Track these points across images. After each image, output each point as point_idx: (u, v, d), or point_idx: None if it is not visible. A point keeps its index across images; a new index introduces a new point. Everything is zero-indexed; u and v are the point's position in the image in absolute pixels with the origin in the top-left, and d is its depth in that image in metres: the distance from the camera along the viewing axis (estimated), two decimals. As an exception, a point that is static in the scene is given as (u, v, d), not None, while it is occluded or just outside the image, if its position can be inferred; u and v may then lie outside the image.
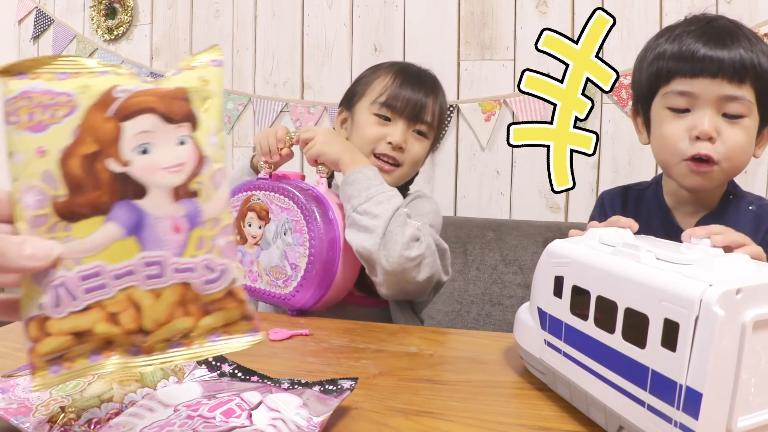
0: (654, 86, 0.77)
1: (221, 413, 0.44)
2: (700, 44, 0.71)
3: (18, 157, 0.32)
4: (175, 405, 0.46)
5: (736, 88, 0.70)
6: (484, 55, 1.59)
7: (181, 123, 0.35)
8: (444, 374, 0.62)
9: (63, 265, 0.32)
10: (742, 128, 0.72)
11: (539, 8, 1.53)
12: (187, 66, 0.37)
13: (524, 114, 1.54)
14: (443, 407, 0.54)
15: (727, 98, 0.71)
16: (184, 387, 0.50)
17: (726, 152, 0.72)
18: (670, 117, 0.75)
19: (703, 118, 0.71)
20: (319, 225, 0.81)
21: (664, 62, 0.75)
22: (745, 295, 0.38)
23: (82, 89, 0.33)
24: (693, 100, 0.73)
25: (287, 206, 0.84)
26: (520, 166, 1.58)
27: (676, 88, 0.73)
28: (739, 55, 0.70)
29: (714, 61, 0.70)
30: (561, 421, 0.52)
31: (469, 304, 1.38)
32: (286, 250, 0.83)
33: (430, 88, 0.99)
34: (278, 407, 0.47)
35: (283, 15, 1.76)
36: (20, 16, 2.05)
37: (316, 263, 0.81)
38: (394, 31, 1.66)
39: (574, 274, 0.52)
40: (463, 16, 1.60)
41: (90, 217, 0.33)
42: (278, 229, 0.84)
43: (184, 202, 0.34)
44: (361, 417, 0.52)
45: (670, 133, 0.75)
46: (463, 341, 0.73)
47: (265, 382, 0.54)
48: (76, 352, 0.33)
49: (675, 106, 0.74)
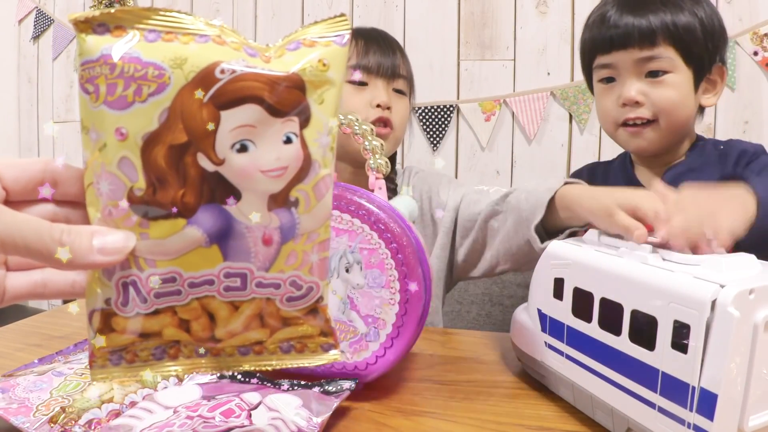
0: (586, 62, 0.83)
1: (221, 413, 0.44)
2: (614, 12, 0.77)
3: (93, 134, 0.28)
4: (175, 406, 0.46)
5: (649, 50, 0.75)
6: (484, 55, 1.59)
7: (290, 116, 0.29)
8: (444, 374, 0.62)
9: (136, 263, 0.28)
10: (668, 84, 0.76)
11: (539, 8, 1.53)
12: (306, 40, 0.31)
13: (524, 114, 1.54)
14: (443, 407, 0.54)
15: (644, 60, 0.76)
16: (184, 389, 0.50)
17: (657, 110, 0.77)
18: (602, 89, 0.81)
19: (626, 86, 0.77)
20: (411, 253, 0.55)
21: (587, 33, 0.81)
22: (758, 295, 0.39)
23: (176, 63, 0.27)
24: (615, 70, 0.79)
25: (349, 227, 0.56)
26: (520, 167, 1.58)
27: (600, 62, 0.80)
28: (647, 21, 0.74)
29: (621, 32, 0.75)
30: (561, 421, 0.52)
31: (469, 304, 1.38)
32: (354, 297, 0.56)
33: (395, 45, 0.95)
34: (278, 407, 0.47)
35: (283, 15, 1.76)
36: (20, 16, 2.05)
37: (412, 313, 0.54)
38: (394, 31, 1.66)
39: (575, 275, 0.52)
40: (463, 16, 1.60)
41: (170, 218, 0.28)
42: (333, 263, 0.57)
43: (280, 211, 0.30)
44: (361, 417, 0.52)
45: (603, 104, 0.82)
46: (463, 341, 0.73)
47: (265, 383, 0.53)
48: (140, 347, 0.30)
49: (602, 77, 0.80)
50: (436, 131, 1.62)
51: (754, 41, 1.38)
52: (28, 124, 2.11)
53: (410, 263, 0.54)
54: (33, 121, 2.09)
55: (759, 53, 1.38)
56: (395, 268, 0.54)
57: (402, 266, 0.54)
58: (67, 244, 0.27)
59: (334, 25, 0.31)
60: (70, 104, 2.03)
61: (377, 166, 0.61)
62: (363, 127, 0.61)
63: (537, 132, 1.54)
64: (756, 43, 1.38)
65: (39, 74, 2.06)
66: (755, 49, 1.38)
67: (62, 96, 2.04)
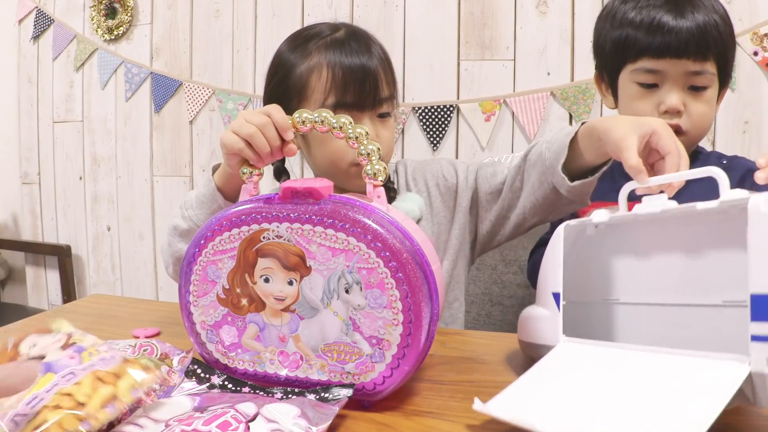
0: (620, 60, 0.80)
1: (217, 426, 0.43)
2: (666, 16, 0.74)
3: None
4: (166, 420, 0.46)
5: (700, 64, 0.75)
6: (484, 55, 1.59)
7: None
8: (444, 374, 0.62)
9: None
10: (705, 99, 0.77)
11: (539, 8, 1.53)
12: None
13: (524, 114, 1.54)
14: (443, 407, 0.54)
15: (693, 73, 0.75)
16: (174, 401, 0.49)
17: (692, 123, 0.77)
18: (639, 93, 0.79)
19: (671, 95, 0.76)
20: (413, 270, 0.52)
21: (632, 32, 0.77)
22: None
23: None
24: (660, 76, 0.77)
25: (345, 246, 0.53)
26: (520, 166, 1.58)
27: (644, 66, 0.77)
28: (702, 27, 0.73)
29: (679, 38, 0.73)
30: (561, 421, 0.52)
31: (469, 304, 1.38)
32: (355, 318, 0.54)
33: (373, 56, 0.81)
34: (276, 418, 0.46)
35: (283, 15, 1.76)
36: (20, 16, 2.05)
37: (416, 333, 0.52)
38: (394, 31, 1.66)
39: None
40: (463, 16, 1.60)
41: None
42: (331, 284, 0.54)
43: None
44: (361, 417, 0.52)
45: (640, 108, 0.79)
46: (463, 341, 0.73)
47: (257, 392, 0.53)
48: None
49: (643, 81, 0.78)
50: (436, 131, 1.62)
51: (754, 41, 1.38)
52: (28, 124, 2.11)
53: (412, 281, 0.51)
54: (33, 121, 2.09)
55: (759, 53, 1.38)
56: (396, 288, 0.52)
57: (403, 285, 0.51)
58: None
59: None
60: (70, 104, 2.03)
61: (375, 172, 0.57)
62: (357, 131, 0.57)
63: (537, 132, 1.54)
64: (756, 43, 1.38)
65: (39, 74, 2.06)
66: (755, 49, 1.38)
67: (62, 96, 2.04)
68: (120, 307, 0.90)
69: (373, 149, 0.56)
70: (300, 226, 0.54)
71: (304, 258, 0.54)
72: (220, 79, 1.83)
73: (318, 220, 0.53)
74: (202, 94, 1.84)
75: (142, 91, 1.93)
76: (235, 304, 0.57)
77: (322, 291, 0.54)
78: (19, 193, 2.15)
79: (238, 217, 0.56)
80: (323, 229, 0.53)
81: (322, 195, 0.55)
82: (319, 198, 0.55)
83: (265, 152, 0.61)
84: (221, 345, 0.58)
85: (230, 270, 0.56)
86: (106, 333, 0.65)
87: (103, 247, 2.05)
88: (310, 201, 0.55)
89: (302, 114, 0.58)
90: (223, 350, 0.58)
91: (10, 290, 2.26)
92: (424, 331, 0.52)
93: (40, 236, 2.13)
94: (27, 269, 2.16)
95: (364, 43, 0.82)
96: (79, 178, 2.06)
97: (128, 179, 1.99)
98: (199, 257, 0.57)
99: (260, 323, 0.57)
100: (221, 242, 0.56)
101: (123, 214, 2.01)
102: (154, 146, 1.95)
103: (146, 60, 1.92)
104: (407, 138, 1.67)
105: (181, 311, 0.59)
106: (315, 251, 0.54)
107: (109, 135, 2.00)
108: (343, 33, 0.83)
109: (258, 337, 0.57)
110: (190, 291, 0.58)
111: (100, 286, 2.07)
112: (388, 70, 0.83)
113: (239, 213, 0.56)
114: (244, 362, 0.57)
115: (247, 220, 0.55)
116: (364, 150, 0.57)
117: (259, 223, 0.55)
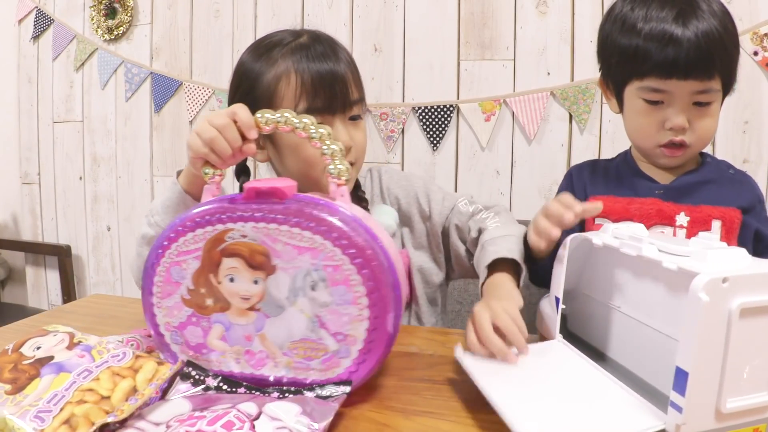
0: (627, 74, 0.80)
1: (222, 426, 0.44)
2: (675, 27, 0.74)
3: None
4: (166, 421, 0.46)
5: (706, 84, 0.75)
6: (484, 55, 1.59)
7: None
8: (444, 374, 0.62)
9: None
10: (709, 114, 0.78)
11: (539, 8, 1.53)
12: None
13: (524, 114, 1.54)
14: (443, 407, 0.54)
15: (698, 92, 0.76)
16: (172, 403, 0.49)
17: (697, 137, 0.79)
18: (645, 109, 0.79)
19: (677, 114, 0.77)
20: (377, 266, 0.53)
21: (641, 44, 0.76)
22: (732, 284, 0.41)
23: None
24: (667, 95, 0.77)
25: (311, 244, 0.54)
26: (520, 166, 1.58)
27: (651, 86, 0.77)
28: (708, 49, 0.73)
29: (687, 55, 0.73)
30: (561, 421, 0.52)
31: (469, 304, 1.38)
32: (321, 315, 0.54)
33: (340, 59, 0.81)
34: (279, 416, 0.46)
35: (283, 15, 1.76)
36: (20, 16, 2.05)
37: (382, 327, 0.54)
38: (394, 31, 1.66)
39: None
40: (463, 16, 1.60)
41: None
42: (297, 282, 0.55)
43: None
44: (361, 417, 0.52)
45: (646, 124, 0.80)
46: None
47: (253, 392, 0.53)
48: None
49: (650, 98, 0.79)
50: (436, 131, 1.62)
51: (754, 41, 1.38)
52: (28, 124, 2.10)
53: (377, 277, 0.53)
54: (33, 121, 2.09)
55: (759, 53, 1.38)
56: (362, 283, 0.53)
57: (369, 281, 0.52)
58: None
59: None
60: (70, 104, 2.03)
61: (338, 171, 0.57)
62: (320, 131, 0.57)
63: (537, 132, 1.54)
64: (756, 43, 1.38)
65: (39, 74, 2.06)
66: (755, 49, 1.38)
67: (62, 96, 2.04)
68: (120, 307, 0.90)
69: (336, 148, 0.57)
70: (266, 225, 0.54)
71: (269, 257, 0.54)
72: (220, 79, 1.83)
73: (283, 219, 0.53)
74: (202, 94, 1.84)
75: (142, 91, 1.93)
76: (200, 304, 0.57)
77: (288, 289, 0.55)
78: (19, 193, 2.15)
79: (202, 217, 0.55)
80: (289, 228, 0.53)
81: (286, 195, 0.55)
82: (283, 197, 0.55)
83: (226, 155, 0.61)
84: (186, 346, 0.58)
85: (195, 270, 0.56)
86: (106, 333, 0.65)
87: (103, 247, 2.05)
88: (275, 200, 0.55)
89: (265, 114, 0.58)
90: (188, 351, 0.58)
91: (10, 290, 2.26)
92: (390, 324, 0.54)
93: (40, 236, 2.13)
94: (27, 269, 2.16)
95: (329, 47, 0.81)
96: (79, 178, 2.06)
97: (128, 179, 1.99)
98: (162, 258, 0.57)
99: (226, 323, 0.57)
100: (185, 243, 0.56)
101: (123, 214, 2.01)
102: (154, 146, 1.95)
103: (146, 60, 1.92)
104: (407, 138, 1.67)
105: (145, 313, 0.59)
106: (281, 250, 0.54)
107: (109, 135, 2.00)
108: (306, 38, 0.82)
109: (224, 337, 0.57)
110: (153, 293, 0.58)
111: (100, 286, 2.07)
112: (356, 73, 0.83)
113: (203, 213, 0.56)
114: (210, 362, 0.57)
115: (211, 220, 0.55)
116: (327, 149, 0.57)
117: (224, 223, 0.55)
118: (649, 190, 0.82)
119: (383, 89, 1.67)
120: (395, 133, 1.66)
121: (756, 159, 1.42)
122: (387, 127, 1.66)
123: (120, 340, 0.62)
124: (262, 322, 0.56)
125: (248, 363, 0.57)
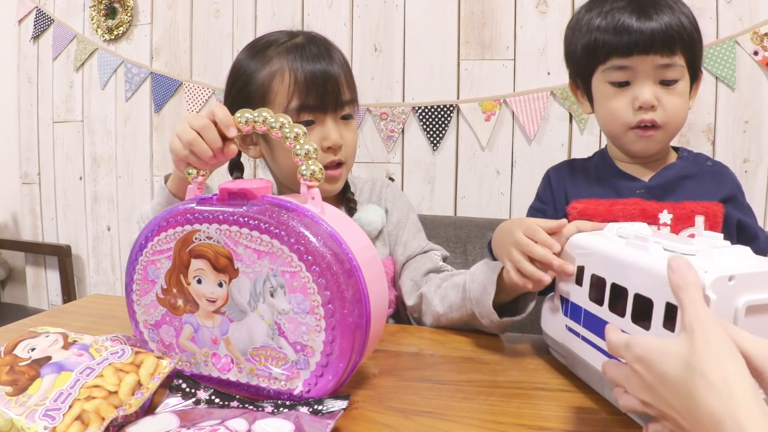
0: (591, 63, 0.82)
1: None
2: (630, 18, 0.76)
3: None
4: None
5: (669, 58, 0.76)
6: (484, 55, 1.59)
7: None
8: (444, 374, 0.62)
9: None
10: (677, 93, 0.79)
11: (539, 8, 1.53)
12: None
13: (524, 114, 1.54)
14: (443, 407, 0.54)
15: (662, 67, 0.77)
16: (159, 418, 0.49)
17: (666, 117, 0.79)
18: (613, 92, 0.81)
19: (643, 89, 0.78)
20: (336, 275, 0.50)
21: (599, 35, 0.79)
22: (738, 282, 0.42)
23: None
24: (631, 73, 0.78)
25: (269, 249, 0.51)
26: (520, 166, 1.58)
27: (614, 64, 0.79)
28: (666, 25, 0.75)
29: (645, 36, 0.75)
30: (561, 421, 0.52)
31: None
32: (280, 322, 0.52)
33: (334, 60, 0.82)
34: None
35: (283, 15, 1.76)
36: (20, 16, 2.05)
37: (340, 338, 0.51)
38: (394, 31, 1.66)
39: (593, 263, 0.57)
40: (463, 16, 1.60)
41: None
42: (257, 287, 0.53)
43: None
44: (361, 417, 0.52)
45: (615, 106, 0.81)
46: (463, 341, 0.73)
47: (247, 406, 0.51)
48: None
49: (615, 80, 0.80)
50: (436, 131, 1.62)
51: (754, 41, 1.38)
52: (28, 124, 2.11)
53: (335, 287, 0.49)
54: (33, 121, 2.09)
55: (759, 53, 1.38)
56: (318, 293, 0.50)
57: (325, 290, 0.50)
58: None
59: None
60: (70, 104, 2.03)
61: (310, 173, 0.55)
62: (295, 131, 0.55)
63: (537, 132, 1.54)
64: (756, 43, 1.38)
65: (39, 74, 2.06)
66: (755, 49, 1.38)
67: (62, 96, 2.04)
68: (120, 307, 0.90)
69: (309, 149, 0.55)
70: (228, 228, 0.53)
71: (232, 260, 0.53)
72: (220, 79, 1.83)
73: (244, 222, 0.52)
74: (202, 94, 1.84)
75: (142, 91, 1.93)
76: (172, 304, 0.57)
77: (249, 294, 0.53)
78: (19, 193, 2.15)
79: (174, 217, 0.55)
80: (249, 231, 0.52)
81: (255, 196, 0.54)
82: (252, 199, 0.54)
83: (206, 157, 0.61)
84: (161, 344, 0.58)
85: (167, 270, 0.56)
86: (105, 333, 0.65)
87: (103, 247, 2.05)
88: (251, 203, 0.54)
89: (244, 114, 0.58)
90: (163, 350, 0.58)
91: (10, 290, 2.26)
92: (350, 338, 0.50)
93: (40, 236, 2.13)
94: (27, 269, 2.16)
95: (324, 48, 0.83)
96: (79, 178, 2.06)
97: (128, 179, 1.99)
98: (140, 257, 0.57)
99: (195, 324, 0.56)
100: (159, 242, 0.56)
101: (123, 214, 2.01)
102: (154, 146, 1.95)
103: (146, 60, 1.92)
104: (407, 138, 1.67)
105: (128, 310, 0.60)
106: (242, 253, 0.53)
107: (109, 135, 2.00)
108: (301, 38, 0.84)
109: (193, 338, 0.57)
110: (133, 290, 0.59)
111: (100, 286, 2.07)
112: (349, 75, 0.85)
113: (176, 213, 0.55)
114: (182, 362, 0.57)
115: (181, 221, 0.55)
116: (300, 150, 0.55)
117: (192, 224, 0.54)
118: (630, 191, 0.82)
119: (383, 89, 1.67)
120: (395, 133, 1.66)
121: (756, 159, 1.42)
122: (387, 127, 1.66)
123: (104, 338, 0.62)
124: (226, 326, 0.55)
125: (215, 366, 0.56)
